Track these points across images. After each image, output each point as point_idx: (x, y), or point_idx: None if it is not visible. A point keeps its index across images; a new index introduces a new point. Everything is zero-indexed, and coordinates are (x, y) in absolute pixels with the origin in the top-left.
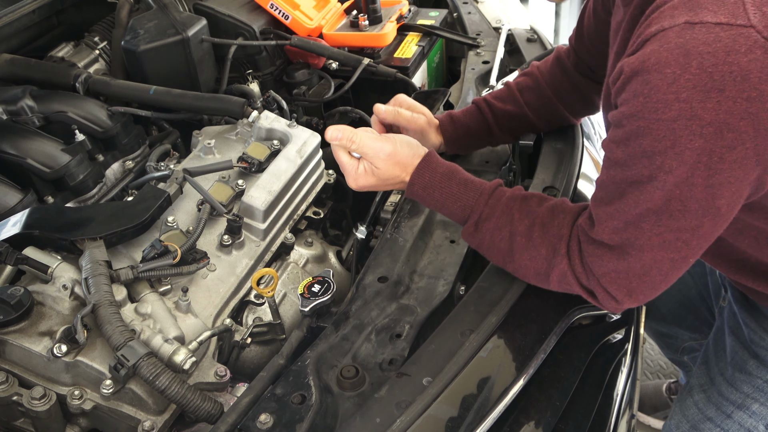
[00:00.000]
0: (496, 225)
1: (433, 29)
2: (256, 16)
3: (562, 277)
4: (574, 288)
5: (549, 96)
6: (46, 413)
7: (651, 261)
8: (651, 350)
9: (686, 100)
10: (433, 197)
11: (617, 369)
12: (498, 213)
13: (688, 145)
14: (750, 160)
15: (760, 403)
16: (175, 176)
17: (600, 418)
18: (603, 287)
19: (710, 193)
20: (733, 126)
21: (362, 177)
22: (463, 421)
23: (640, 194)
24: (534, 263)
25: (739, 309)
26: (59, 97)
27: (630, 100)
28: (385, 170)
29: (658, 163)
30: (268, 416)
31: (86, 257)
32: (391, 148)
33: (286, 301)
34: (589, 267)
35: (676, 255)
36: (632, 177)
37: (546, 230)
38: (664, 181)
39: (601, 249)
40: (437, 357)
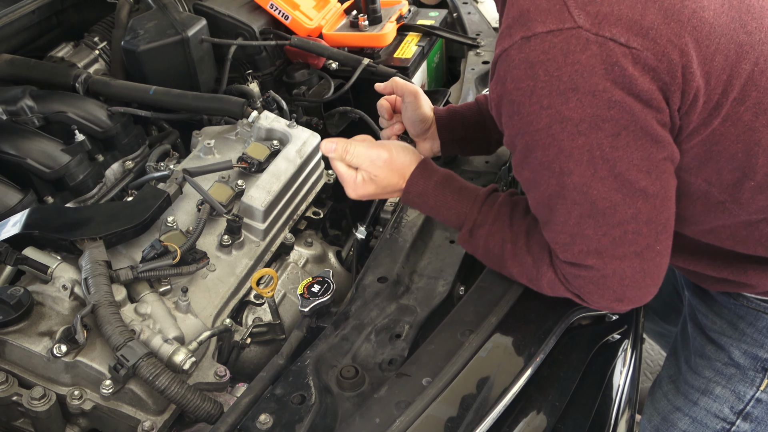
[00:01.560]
0: (489, 232)
1: (432, 29)
2: (255, 16)
3: (552, 284)
4: (567, 294)
5: None
6: (45, 413)
7: (617, 262)
8: (651, 350)
9: (550, 105)
10: (427, 204)
11: (616, 369)
12: (490, 220)
13: (573, 145)
14: (643, 140)
15: (721, 386)
16: (174, 176)
17: (599, 418)
18: (588, 301)
19: (625, 181)
20: (604, 116)
21: (361, 186)
22: (462, 421)
23: (564, 204)
24: (524, 270)
25: (691, 296)
26: (59, 97)
27: (508, 123)
28: (384, 177)
29: (558, 170)
30: (267, 416)
31: (86, 257)
32: (387, 155)
33: (285, 301)
34: (570, 282)
35: (637, 247)
36: (547, 191)
37: (529, 240)
38: (574, 185)
39: (569, 267)
40: (437, 357)
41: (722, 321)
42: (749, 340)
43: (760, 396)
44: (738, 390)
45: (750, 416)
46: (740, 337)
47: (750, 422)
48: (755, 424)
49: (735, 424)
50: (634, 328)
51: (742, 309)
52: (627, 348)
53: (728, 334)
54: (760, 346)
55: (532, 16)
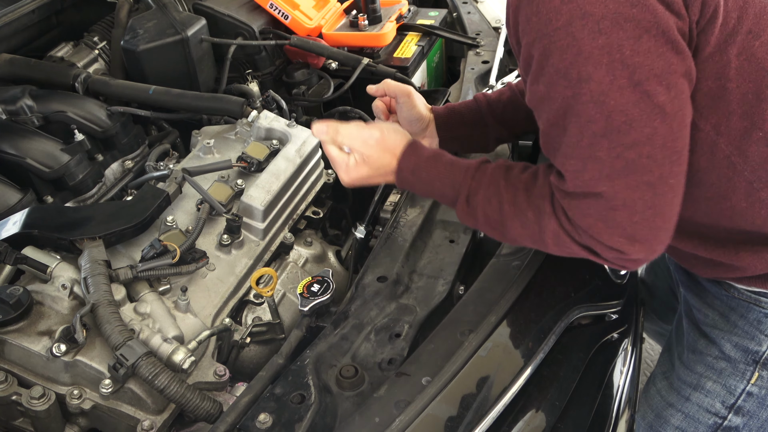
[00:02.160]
0: (485, 197)
1: (432, 29)
2: (255, 15)
3: (557, 239)
4: (573, 249)
5: None
6: (45, 413)
7: (628, 192)
8: (651, 350)
9: (570, 0)
10: (421, 180)
11: (616, 368)
12: (485, 185)
13: (593, 46)
14: (664, 47)
15: (713, 380)
16: (174, 176)
17: (599, 418)
18: (598, 240)
19: (643, 93)
20: (627, 15)
21: (354, 169)
22: (462, 421)
23: (578, 120)
24: (526, 230)
25: (685, 291)
26: (59, 96)
27: (527, 28)
28: (376, 157)
29: (575, 76)
30: (267, 416)
31: (85, 257)
32: (379, 134)
33: (285, 300)
34: (576, 223)
35: (650, 176)
36: (562, 106)
37: (529, 193)
38: (590, 93)
39: (577, 199)
40: (436, 356)
41: (714, 313)
42: (740, 332)
43: (750, 389)
44: (729, 384)
45: (742, 410)
46: (732, 329)
47: (742, 416)
48: (747, 418)
49: (727, 419)
50: (634, 328)
51: (734, 301)
52: (627, 347)
53: (720, 327)
54: (751, 339)
55: None
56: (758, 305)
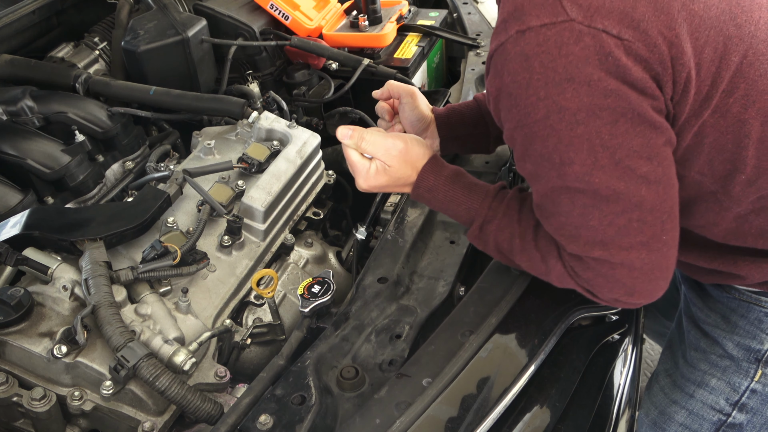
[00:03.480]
0: (499, 227)
1: (433, 29)
2: (255, 16)
3: (561, 278)
4: (577, 288)
5: None
6: (46, 414)
7: (624, 253)
8: (651, 350)
9: (546, 96)
10: (437, 199)
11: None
12: (500, 215)
13: (572, 135)
14: (641, 126)
15: (717, 378)
16: (175, 177)
17: (600, 418)
18: (599, 293)
19: (626, 168)
20: (601, 105)
21: (373, 177)
22: (462, 422)
23: (567, 195)
24: (532, 264)
25: (687, 290)
26: (59, 97)
27: (508, 116)
28: (398, 168)
29: (558, 160)
30: (268, 417)
31: (86, 258)
32: (403, 145)
33: (285, 301)
34: (579, 275)
35: (643, 237)
36: (549, 183)
37: (537, 235)
38: (575, 174)
39: (576, 260)
40: (437, 358)
41: (716, 315)
42: (742, 332)
43: (754, 387)
44: (733, 381)
45: (745, 407)
46: (733, 330)
47: (745, 413)
48: (750, 415)
49: (731, 416)
50: (635, 328)
51: (734, 302)
52: (627, 348)
53: (722, 327)
54: (752, 338)
55: (527, 10)
56: (758, 305)
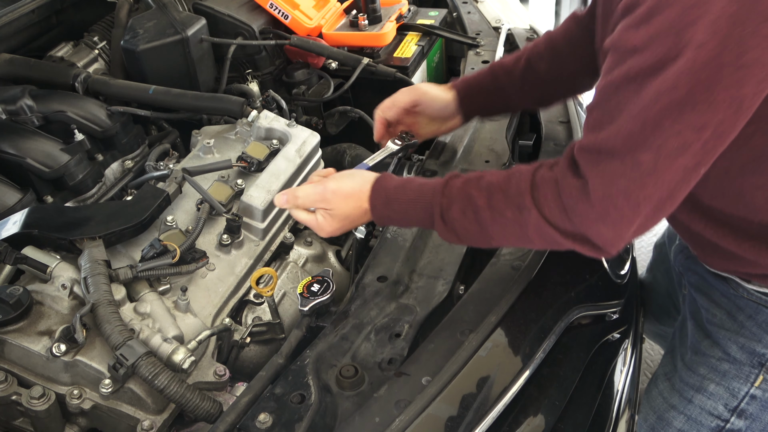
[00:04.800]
0: (460, 210)
1: (432, 29)
2: (255, 15)
3: (540, 232)
4: (558, 239)
5: (560, 46)
6: (45, 413)
7: (663, 169)
8: (651, 350)
9: None
10: (396, 211)
11: (616, 369)
12: (457, 199)
13: (721, 12)
14: None
15: (715, 383)
16: (174, 176)
17: (600, 418)
18: (598, 217)
19: (738, 78)
20: None
21: (325, 224)
22: (462, 421)
23: (663, 83)
24: (507, 230)
25: (693, 290)
26: (58, 96)
27: None
28: (340, 207)
29: (687, 37)
30: (267, 416)
31: (85, 256)
32: (334, 184)
33: (285, 300)
34: (591, 189)
35: (691, 161)
36: (653, 61)
37: (506, 193)
38: (691, 61)
39: (607, 161)
40: (436, 356)
41: (722, 311)
42: (747, 334)
43: (754, 392)
44: (732, 387)
45: (744, 413)
46: (739, 330)
47: (744, 419)
48: (750, 421)
49: (729, 422)
50: (634, 328)
51: (742, 300)
52: (627, 348)
53: (727, 327)
54: (758, 341)
55: None
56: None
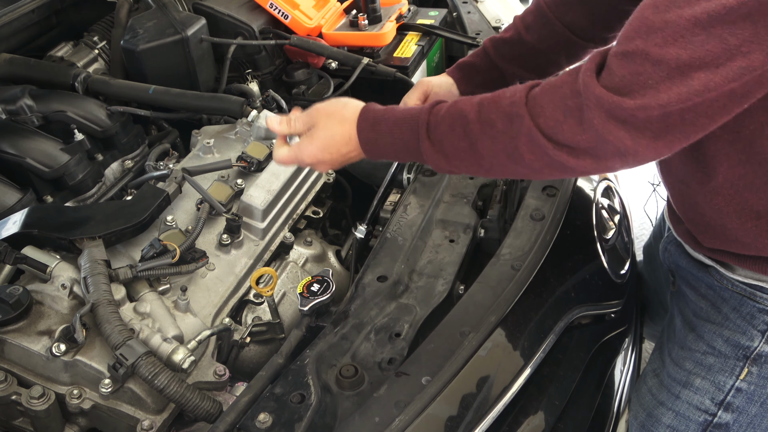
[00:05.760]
0: (449, 125)
1: (432, 29)
2: (255, 15)
3: (532, 143)
4: (549, 152)
5: (546, 14)
6: (44, 412)
7: (714, 86)
8: (650, 350)
9: None
10: (382, 132)
11: (616, 368)
12: (446, 115)
13: None
14: None
15: (701, 377)
16: (174, 175)
17: (599, 418)
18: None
19: None
20: None
21: (305, 145)
22: (462, 421)
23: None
24: (498, 143)
25: (683, 284)
26: (58, 96)
27: None
28: (323, 127)
29: None
30: (267, 415)
31: (85, 256)
32: (320, 104)
33: (285, 300)
34: (616, 83)
35: (739, 85)
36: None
37: (498, 104)
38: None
39: (640, 61)
40: (436, 356)
41: (707, 304)
42: (732, 326)
43: (739, 385)
44: (718, 381)
45: (731, 406)
46: (723, 322)
47: (731, 412)
48: (737, 414)
49: (717, 415)
50: (634, 328)
51: (727, 292)
52: (627, 347)
53: (713, 319)
54: (742, 333)
55: None
56: (752, 299)
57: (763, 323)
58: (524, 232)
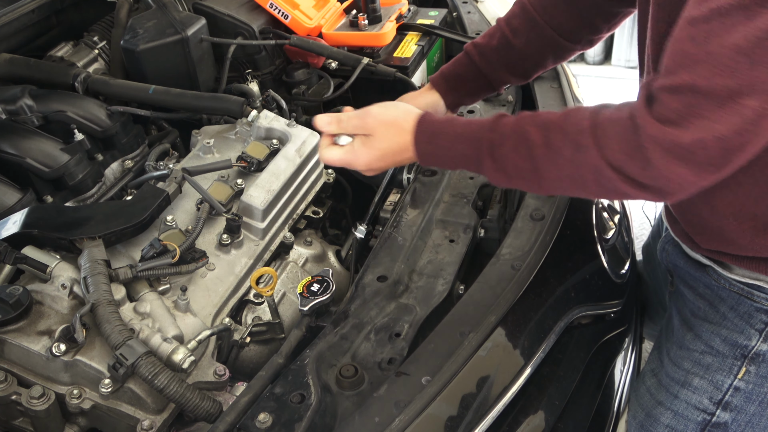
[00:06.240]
0: (513, 146)
1: (432, 29)
2: (255, 15)
3: (598, 174)
4: (617, 185)
5: (534, 17)
6: (44, 412)
7: (766, 111)
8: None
9: None
10: (440, 146)
11: (616, 368)
12: (509, 135)
13: None
14: None
15: (699, 377)
16: (174, 175)
17: (600, 417)
18: (681, 159)
19: None
20: None
21: (362, 152)
22: (462, 420)
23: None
24: (563, 171)
25: (681, 284)
26: (58, 96)
27: None
28: (380, 134)
29: None
30: (267, 415)
31: (85, 256)
32: (377, 109)
33: (285, 300)
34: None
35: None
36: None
37: (565, 131)
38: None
39: (700, 101)
40: (436, 356)
41: (705, 303)
42: (730, 325)
43: (737, 384)
44: (716, 380)
45: (729, 405)
46: (721, 322)
47: (730, 411)
48: (735, 413)
49: (715, 415)
50: (634, 328)
51: (724, 291)
52: (627, 347)
53: (710, 319)
54: (740, 332)
55: None
56: (750, 298)
57: (760, 322)
58: (524, 232)
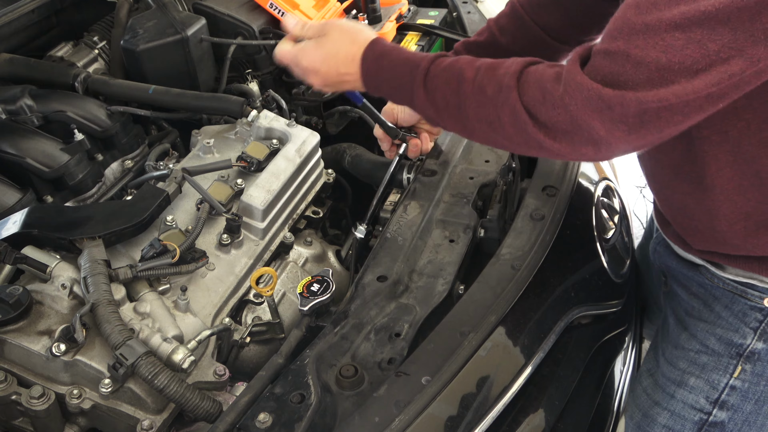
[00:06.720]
0: (445, 79)
1: (432, 29)
2: (255, 15)
3: (515, 117)
4: (529, 130)
5: (522, 16)
6: (44, 412)
7: (692, 90)
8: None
9: None
10: (384, 67)
11: (616, 368)
12: (446, 67)
13: None
14: None
15: (695, 376)
16: (174, 175)
17: (599, 417)
18: (599, 110)
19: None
20: None
21: (308, 49)
22: (462, 420)
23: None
24: (482, 109)
25: (675, 284)
26: (58, 96)
27: None
28: (332, 39)
29: None
30: (267, 415)
31: (85, 256)
32: (341, 20)
33: (285, 300)
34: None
35: (717, 89)
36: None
37: (495, 71)
38: None
39: (604, 56)
40: (436, 356)
41: (699, 303)
42: (725, 324)
43: (733, 383)
44: (712, 379)
45: (726, 404)
46: (716, 321)
47: (726, 410)
48: (732, 412)
49: (712, 414)
50: (634, 328)
51: (718, 290)
52: (627, 347)
53: (705, 318)
54: (735, 331)
55: None
56: (744, 296)
57: (755, 320)
58: (524, 232)
